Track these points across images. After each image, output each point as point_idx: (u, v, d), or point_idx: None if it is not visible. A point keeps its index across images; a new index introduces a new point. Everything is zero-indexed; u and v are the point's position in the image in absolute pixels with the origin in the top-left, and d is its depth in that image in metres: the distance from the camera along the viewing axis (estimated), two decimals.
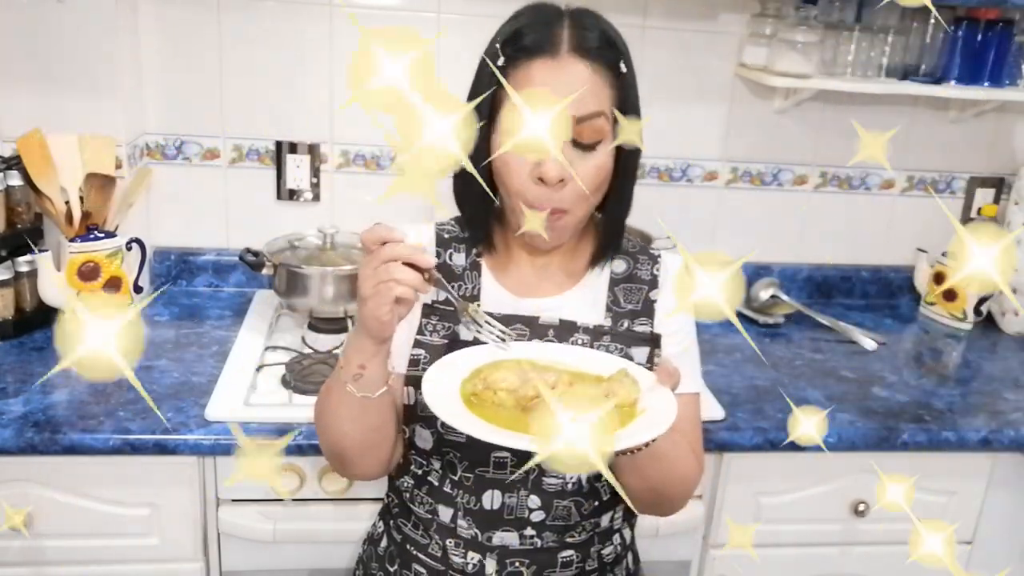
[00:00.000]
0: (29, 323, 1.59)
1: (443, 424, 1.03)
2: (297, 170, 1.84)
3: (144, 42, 1.73)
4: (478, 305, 1.05)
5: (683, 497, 1.10)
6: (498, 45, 0.99)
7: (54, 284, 1.58)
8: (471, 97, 1.01)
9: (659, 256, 1.14)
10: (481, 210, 1.08)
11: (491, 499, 1.06)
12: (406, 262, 0.91)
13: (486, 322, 1.01)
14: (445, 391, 0.93)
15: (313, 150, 1.83)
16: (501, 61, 0.97)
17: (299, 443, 1.29)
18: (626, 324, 1.09)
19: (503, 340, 1.01)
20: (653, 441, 0.87)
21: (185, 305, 1.78)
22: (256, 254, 1.67)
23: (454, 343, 1.07)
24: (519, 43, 0.97)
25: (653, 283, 1.12)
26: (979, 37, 1.81)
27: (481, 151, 1.00)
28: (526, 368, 0.95)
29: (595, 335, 1.08)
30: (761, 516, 1.49)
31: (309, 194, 1.86)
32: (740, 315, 1.91)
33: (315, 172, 1.85)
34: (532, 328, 1.07)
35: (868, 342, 1.79)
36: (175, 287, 1.86)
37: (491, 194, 1.05)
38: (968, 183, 2.06)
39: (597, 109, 0.96)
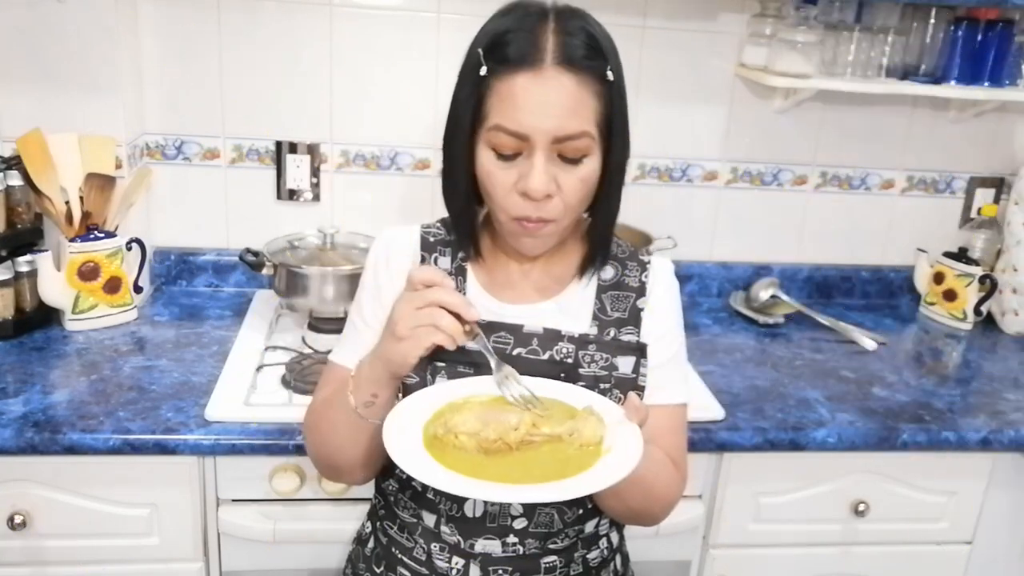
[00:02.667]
0: (29, 323, 1.59)
1: None
2: (297, 170, 1.84)
3: (144, 42, 1.73)
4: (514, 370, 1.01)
5: (665, 511, 1.09)
6: (480, 51, 0.95)
7: (54, 284, 1.58)
8: (455, 96, 0.99)
9: (648, 263, 1.12)
10: (467, 214, 1.06)
11: (473, 507, 1.06)
12: (450, 310, 0.90)
13: (520, 383, 0.99)
14: (407, 436, 0.91)
15: (313, 150, 1.83)
16: (484, 70, 0.94)
17: (299, 443, 1.29)
18: (612, 333, 1.08)
19: (533, 404, 0.97)
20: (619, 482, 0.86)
21: (185, 305, 1.78)
22: (256, 254, 1.67)
23: (438, 350, 1.05)
24: (502, 52, 0.93)
25: (641, 291, 1.10)
26: (979, 37, 1.81)
27: (464, 157, 0.99)
28: (488, 409, 0.94)
29: (580, 344, 1.06)
30: (761, 516, 1.49)
31: (309, 194, 1.86)
32: (740, 315, 1.91)
33: (315, 172, 1.85)
34: (516, 336, 1.06)
35: (868, 342, 1.79)
36: (175, 287, 1.86)
37: (476, 200, 1.04)
38: (968, 183, 2.06)
39: (580, 129, 0.94)
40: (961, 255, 1.96)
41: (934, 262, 2.00)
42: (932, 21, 1.83)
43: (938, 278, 1.98)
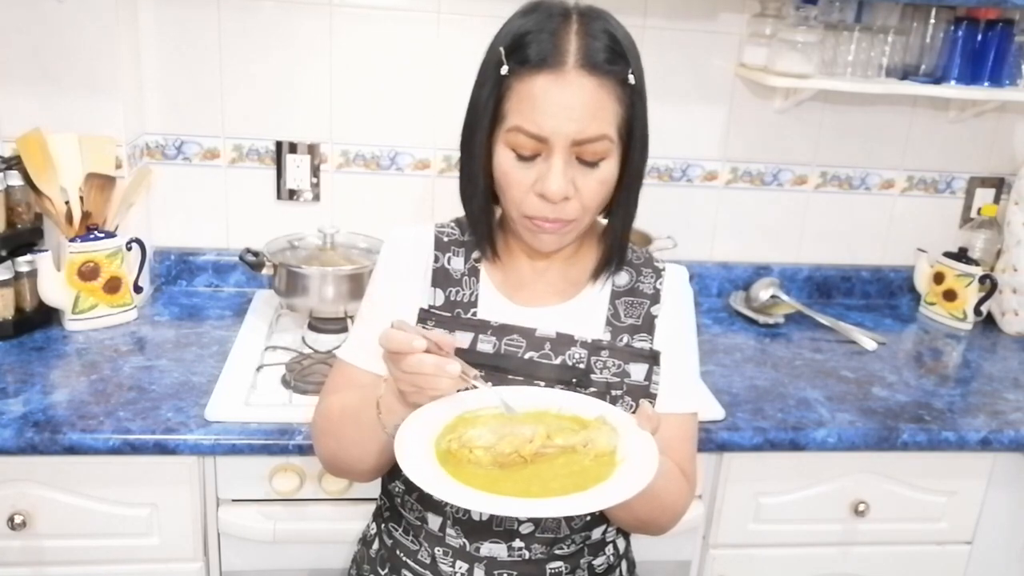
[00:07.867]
0: (29, 323, 1.59)
1: None
2: (297, 170, 1.84)
3: (144, 42, 1.73)
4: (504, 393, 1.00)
5: (672, 522, 1.08)
6: (502, 49, 0.95)
7: (54, 284, 1.58)
8: (474, 94, 0.99)
9: (663, 269, 1.12)
10: (484, 213, 1.05)
11: None
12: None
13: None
14: (419, 452, 0.90)
15: (313, 150, 1.83)
16: (505, 70, 0.94)
17: (299, 443, 1.29)
18: (625, 339, 1.07)
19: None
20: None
21: (185, 305, 1.78)
22: (256, 254, 1.67)
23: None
24: (523, 53, 0.93)
25: (655, 298, 1.09)
26: (979, 37, 1.81)
27: (482, 155, 0.99)
28: (502, 423, 0.93)
29: (593, 349, 1.05)
30: (761, 516, 1.49)
31: (309, 194, 1.86)
32: (740, 315, 1.91)
33: (315, 172, 1.85)
34: (529, 340, 1.05)
35: (868, 342, 1.79)
36: (175, 287, 1.86)
37: (493, 199, 1.04)
38: (968, 183, 2.06)
39: (600, 132, 0.94)
40: (961, 255, 1.96)
41: (934, 262, 2.00)
42: (932, 21, 1.83)
43: (938, 278, 1.98)
